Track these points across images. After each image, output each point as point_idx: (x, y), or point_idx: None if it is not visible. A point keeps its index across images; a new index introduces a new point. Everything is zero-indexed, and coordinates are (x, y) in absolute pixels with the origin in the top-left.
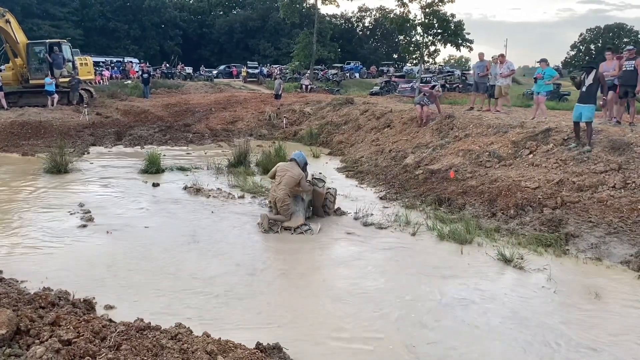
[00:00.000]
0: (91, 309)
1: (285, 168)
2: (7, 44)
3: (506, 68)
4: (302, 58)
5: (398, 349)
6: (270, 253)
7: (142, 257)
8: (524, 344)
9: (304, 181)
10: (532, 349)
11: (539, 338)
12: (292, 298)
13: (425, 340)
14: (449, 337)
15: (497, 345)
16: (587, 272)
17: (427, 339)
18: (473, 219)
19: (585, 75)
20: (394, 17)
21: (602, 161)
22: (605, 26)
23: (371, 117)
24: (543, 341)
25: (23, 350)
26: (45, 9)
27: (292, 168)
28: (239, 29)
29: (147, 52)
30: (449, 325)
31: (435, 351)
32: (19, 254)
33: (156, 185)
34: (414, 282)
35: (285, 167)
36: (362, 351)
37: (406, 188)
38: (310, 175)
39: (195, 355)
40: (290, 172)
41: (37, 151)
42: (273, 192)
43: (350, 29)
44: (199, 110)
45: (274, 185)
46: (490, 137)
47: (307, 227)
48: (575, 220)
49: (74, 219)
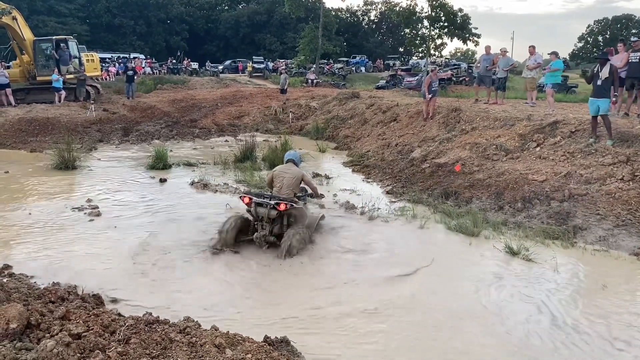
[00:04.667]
0: (100, 304)
1: (282, 171)
2: (14, 41)
3: (533, 60)
4: (308, 52)
5: (405, 342)
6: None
7: (150, 252)
8: (529, 336)
9: (308, 177)
10: (540, 343)
11: (547, 331)
12: (300, 291)
13: (431, 338)
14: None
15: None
16: (595, 264)
17: (434, 334)
18: (480, 212)
19: (599, 67)
20: (400, 10)
21: (610, 153)
22: (613, 17)
23: (377, 111)
24: (552, 334)
25: (34, 344)
26: (51, 5)
27: (290, 168)
28: (244, 24)
29: (154, 48)
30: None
31: (438, 345)
32: (27, 249)
33: (163, 180)
34: (424, 276)
35: (283, 170)
36: (369, 344)
37: (413, 182)
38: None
39: (203, 348)
40: (290, 172)
41: (44, 147)
42: (276, 194)
43: (355, 22)
44: (205, 105)
45: (275, 189)
46: (497, 130)
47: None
48: (583, 213)
49: (82, 214)
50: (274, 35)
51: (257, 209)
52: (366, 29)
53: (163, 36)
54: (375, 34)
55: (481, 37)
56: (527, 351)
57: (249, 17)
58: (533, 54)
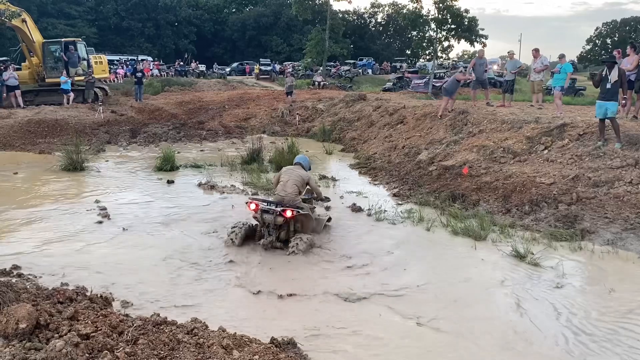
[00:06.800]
0: (108, 304)
1: (290, 169)
2: (23, 43)
3: (540, 63)
4: (315, 55)
5: (411, 345)
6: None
7: (158, 253)
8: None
9: (313, 182)
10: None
11: (555, 332)
12: (307, 293)
13: (437, 337)
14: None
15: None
16: (603, 267)
17: (443, 338)
18: (487, 215)
19: (608, 70)
20: (407, 12)
21: (619, 156)
22: (622, 20)
23: (384, 114)
24: (558, 335)
25: (43, 344)
26: (61, 8)
27: (297, 169)
28: (251, 26)
29: (162, 51)
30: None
31: (443, 339)
32: (37, 250)
33: (171, 182)
34: (429, 278)
35: (291, 169)
36: (375, 347)
37: (420, 184)
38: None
39: (211, 349)
40: (296, 172)
41: (53, 149)
42: (280, 191)
43: (362, 25)
44: (213, 107)
45: (280, 186)
46: (505, 132)
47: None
48: (591, 216)
49: (91, 215)
50: (280, 38)
51: (264, 215)
52: (373, 32)
53: (171, 39)
54: (382, 37)
55: (488, 38)
56: (528, 351)
57: (256, 19)
58: (538, 57)
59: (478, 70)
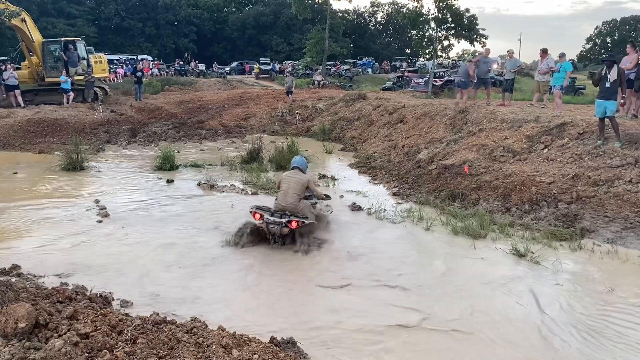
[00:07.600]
0: (107, 304)
1: (289, 176)
2: (23, 42)
3: (545, 65)
4: (315, 54)
5: (412, 343)
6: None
7: (157, 252)
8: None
9: (312, 184)
10: (547, 344)
11: (555, 332)
12: (307, 292)
13: (436, 335)
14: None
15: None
16: (603, 266)
17: (442, 335)
18: (487, 214)
19: (607, 69)
20: (406, 11)
21: (619, 155)
22: (622, 19)
23: (384, 113)
24: (558, 335)
25: (42, 343)
26: (61, 7)
27: (296, 174)
28: (251, 25)
29: (162, 50)
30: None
31: (439, 340)
32: (36, 249)
33: (170, 181)
34: (430, 278)
35: (290, 175)
36: (377, 345)
37: (419, 183)
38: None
39: (210, 348)
40: (295, 178)
41: (53, 149)
42: (282, 201)
43: (362, 24)
44: (212, 107)
45: (281, 193)
46: (505, 131)
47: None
48: (591, 215)
49: (90, 215)
50: (280, 37)
51: (270, 226)
52: (373, 31)
53: (171, 38)
54: (382, 36)
55: (488, 38)
56: (528, 348)
57: (255, 18)
58: (545, 58)
59: (482, 69)
